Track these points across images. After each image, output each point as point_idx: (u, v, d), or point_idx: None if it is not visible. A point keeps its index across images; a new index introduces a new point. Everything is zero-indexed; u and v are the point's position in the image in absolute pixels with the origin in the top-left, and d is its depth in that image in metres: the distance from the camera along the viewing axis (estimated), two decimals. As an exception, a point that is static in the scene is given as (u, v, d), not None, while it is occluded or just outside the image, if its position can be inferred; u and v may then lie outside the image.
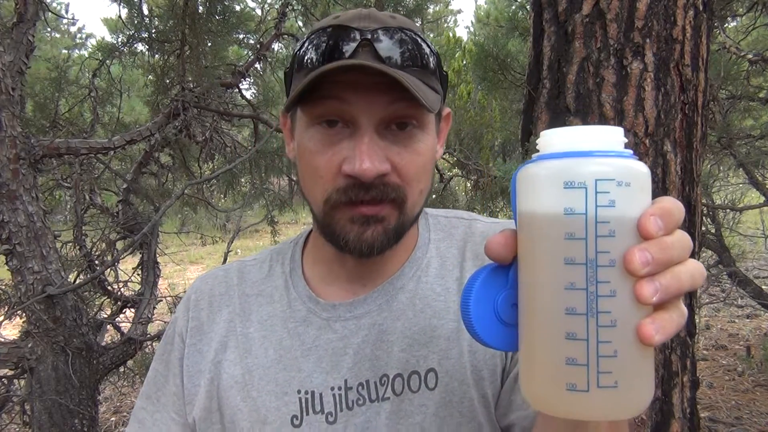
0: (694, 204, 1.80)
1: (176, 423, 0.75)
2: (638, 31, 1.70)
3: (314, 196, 0.66)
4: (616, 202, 0.39)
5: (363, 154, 0.60)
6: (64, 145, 2.12)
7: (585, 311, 0.39)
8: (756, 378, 3.77)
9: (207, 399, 0.73)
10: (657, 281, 0.38)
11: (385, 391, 0.68)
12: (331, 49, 0.61)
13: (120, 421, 3.65)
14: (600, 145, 0.40)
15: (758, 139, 3.52)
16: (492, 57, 2.19)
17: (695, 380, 1.86)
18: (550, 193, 0.40)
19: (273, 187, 3.68)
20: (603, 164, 0.39)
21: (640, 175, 0.40)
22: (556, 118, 1.80)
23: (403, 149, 0.63)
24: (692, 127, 1.76)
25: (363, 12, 0.65)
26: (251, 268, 0.80)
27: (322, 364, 0.70)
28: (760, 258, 6.34)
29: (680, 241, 0.39)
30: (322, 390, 0.69)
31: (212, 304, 0.78)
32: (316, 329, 0.71)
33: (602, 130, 0.41)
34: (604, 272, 0.39)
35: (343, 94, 0.61)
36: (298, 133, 0.68)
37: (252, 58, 2.77)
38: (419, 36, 0.65)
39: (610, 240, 0.39)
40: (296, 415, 0.68)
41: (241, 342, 0.74)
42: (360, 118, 0.61)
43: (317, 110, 0.63)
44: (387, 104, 0.61)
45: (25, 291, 1.98)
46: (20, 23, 1.99)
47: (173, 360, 0.77)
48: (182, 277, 7.42)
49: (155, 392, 0.78)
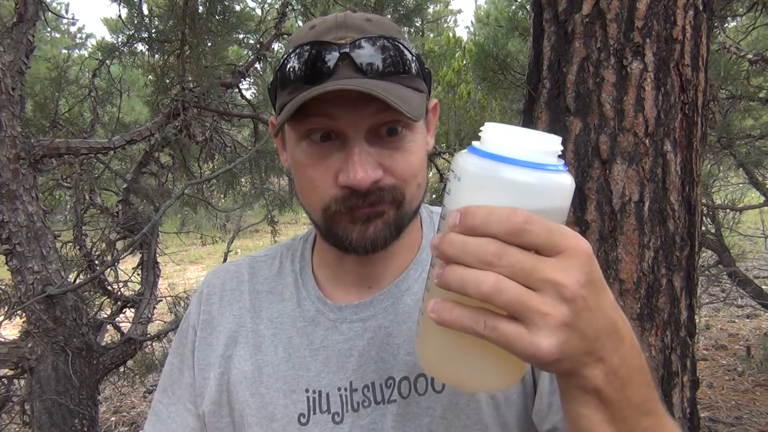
0: (694, 204, 1.80)
1: (192, 414, 0.76)
2: (638, 31, 1.70)
3: (312, 205, 0.67)
4: (451, 191, 0.44)
5: (355, 165, 0.61)
6: (64, 145, 2.12)
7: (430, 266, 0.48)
8: (756, 378, 3.77)
9: (217, 393, 0.74)
10: (442, 268, 0.42)
11: (391, 394, 0.68)
12: (312, 68, 0.62)
13: (120, 421, 3.65)
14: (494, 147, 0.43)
15: (758, 139, 3.52)
16: (492, 57, 2.19)
17: (695, 380, 1.86)
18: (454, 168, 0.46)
19: (273, 187, 3.68)
20: (458, 158, 0.44)
21: (484, 176, 0.42)
22: (556, 118, 1.80)
23: (394, 152, 0.64)
24: (692, 127, 1.76)
25: (339, 19, 0.66)
26: (262, 264, 0.81)
27: (330, 365, 0.70)
28: (760, 258, 6.34)
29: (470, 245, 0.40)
30: (330, 390, 0.69)
31: (223, 298, 0.79)
32: (324, 330, 0.72)
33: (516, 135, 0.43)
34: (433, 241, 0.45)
35: (328, 111, 0.62)
36: (289, 147, 0.69)
37: (252, 58, 2.77)
38: (396, 39, 0.65)
39: (442, 222, 0.46)
40: (303, 414, 0.69)
41: (251, 338, 0.75)
42: (348, 131, 0.62)
43: (305, 127, 0.64)
44: (373, 114, 0.62)
45: (25, 291, 1.98)
46: (20, 23, 1.99)
47: (187, 352, 0.78)
48: (182, 277, 7.43)
49: (170, 385, 0.79)
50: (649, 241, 1.72)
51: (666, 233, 1.74)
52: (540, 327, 0.40)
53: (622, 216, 1.71)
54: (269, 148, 3.07)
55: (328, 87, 0.59)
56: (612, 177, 1.71)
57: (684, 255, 1.77)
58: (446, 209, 0.45)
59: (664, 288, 1.74)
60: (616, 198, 1.71)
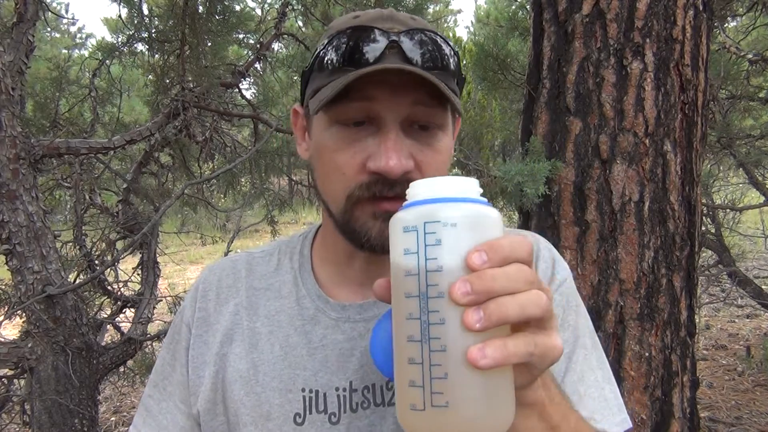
0: (694, 204, 1.80)
1: (182, 412, 0.75)
2: (638, 31, 1.70)
3: (335, 193, 0.65)
4: (442, 240, 0.44)
5: (390, 151, 0.60)
6: (64, 145, 2.12)
7: (420, 338, 0.44)
8: (756, 378, 3.77)
9: (212, 391, 0.73)
10: (481, 309, 0.41)
11: (393, 396, 0.67)
12: (358, 51, 0.61)
13: (120, 421, 3.65)
14: (447, 193, 0.46)
15: (758, 139, 3.52)
16: (492, 57, 2.19)
17: (695, 380, 1.86)
18: (395, 238, 0.47)
19: (273, 187, 3.68)
20: (432, 209, 0.45)
21: (474, 216, 0.45)
22: (556, 118, 1.80)
23: (425, 147, 0.64)
24: (692, 127, 1.76)
25: (384, 13, 0.65)
26: (259, 261, 0.80)
27: (328, 364, 0.69)
28: (760, 258, 6.34)
29: (511, 273, 0.43)
30: (327, 390, 0.68)
31: (219, 295, 0.78)
32: (324, 328, 0.71)
33: (455, 180, 0.47)
34: (434, 303, 0.43)
35: (369, 93, 0.61)
36: (316, 133, 0.68)
37: (252, 58, 2.77)
38: (441, 37, 0.65)
39: (438, 274, 0.43)
40: (299, 413, 0.68)
41: (247, 336, 0.73)
42: (386, 116, 0.62)
43: (344, 113, 0.63)
44: (411, 104, 0.62)
45: (25, 291, 1.98)
46: (20, 23, 1.99)
47: (180, 349, 0.77)
48: (182, 277, 7.43)
49: (162, 380, 0.78)
50: (649, 241, 1.72)
51: (666, 233, 1.74)
52: (554, 327, 0.46)
53: (622, 216, 1.71)
54: (269, 148, 3.07)
55: (378, 67, 0.58)
56: (612, 177, 1.71)
57: (684, 255, 1.77)
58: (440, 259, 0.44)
59: (664, 288, 1.74)
60: (616, 198, 1.71)
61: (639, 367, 1.71)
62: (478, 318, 0.41)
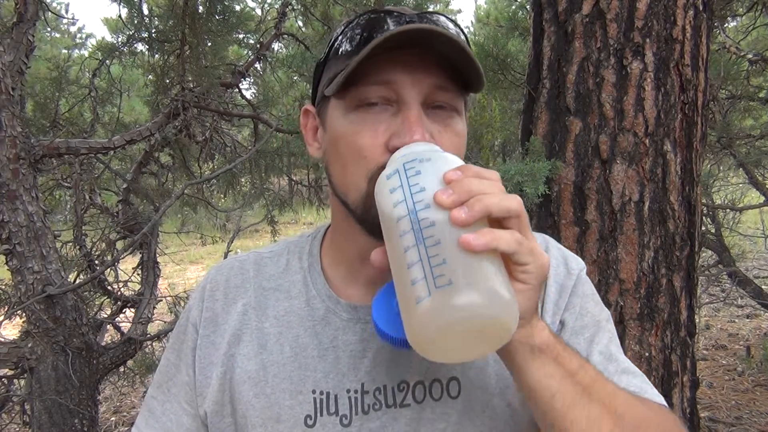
0: (694, 204, 1.80)
1: (187, 413, 0.74)
2: (638, 31, 1.70)
3: (355, 179, 0.63)
4: (421, 171, 0.52)
5: (413, 126, 0.59)
6: (64, 145, 2.12)
7: (415, 243, 0.48)
8: (756, 378, 3.77)
9: (219, 392, 0.72)
10: (465, 206, 0.48)
11: (404, 398, 0.66)
12: (378, 27, 0.61)
13: (120, 421, 3.65)
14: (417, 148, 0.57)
15: (758, 139, 3.52)
16: (492, 57, 2.19)
17: (695, 380, 1.86)
18: (382, 197, 0.53)
19: (273, 187, 3.68)
20: (406, 152, 0.56)
21: (443, 153, 0.56)
22: (556, 118, 1.80)
23: (444, 128, 0.63)
24: (692, 127, 1.76)
25: (397, 6, 0.66)
26: (268, 261, 0.79)
27: (339, 366, 0.68)
28: (760, 258, 6.34)
29: (485, 181, 0.50)
30: (338, 392, 0.67)
31: (227, 295, 0.76)
32: (335, 329, 0.70)
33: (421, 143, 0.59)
34: (423, 212, 0.49)
35: (390, 75, 0.60)
36: (332, 122, 0.66)
37: (252, 58, 2.77)
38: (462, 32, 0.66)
39: (422, 192, 0.50)
40: (310, 415, 0.67)
41: (256, 336, 0.72)
42: (407, 94, 0.61)
43: (364, 94, 0.62)
44: (432, 86, 0.62)
45: (25, 291, 1.98)
46: (20, 23, 1.99)
47: (186, 350, 0.76)
48: (182, 277, 7.43)
49: (166, 382, 0.77)
50: (649, 241, 1.72)
51: (666, 233, 1.74)
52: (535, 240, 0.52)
53: (622, 216, 1.71)
54: (269, 148, 3.07)
55: (409, 27, 0.57)
56: (612, 177, 1.71)
57: (684, 255, 1.77)
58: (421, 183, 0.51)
59: (664, 288, 1.74)
60: (616, 198, 1.71)
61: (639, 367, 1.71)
62: (463, 212, 0.47)
